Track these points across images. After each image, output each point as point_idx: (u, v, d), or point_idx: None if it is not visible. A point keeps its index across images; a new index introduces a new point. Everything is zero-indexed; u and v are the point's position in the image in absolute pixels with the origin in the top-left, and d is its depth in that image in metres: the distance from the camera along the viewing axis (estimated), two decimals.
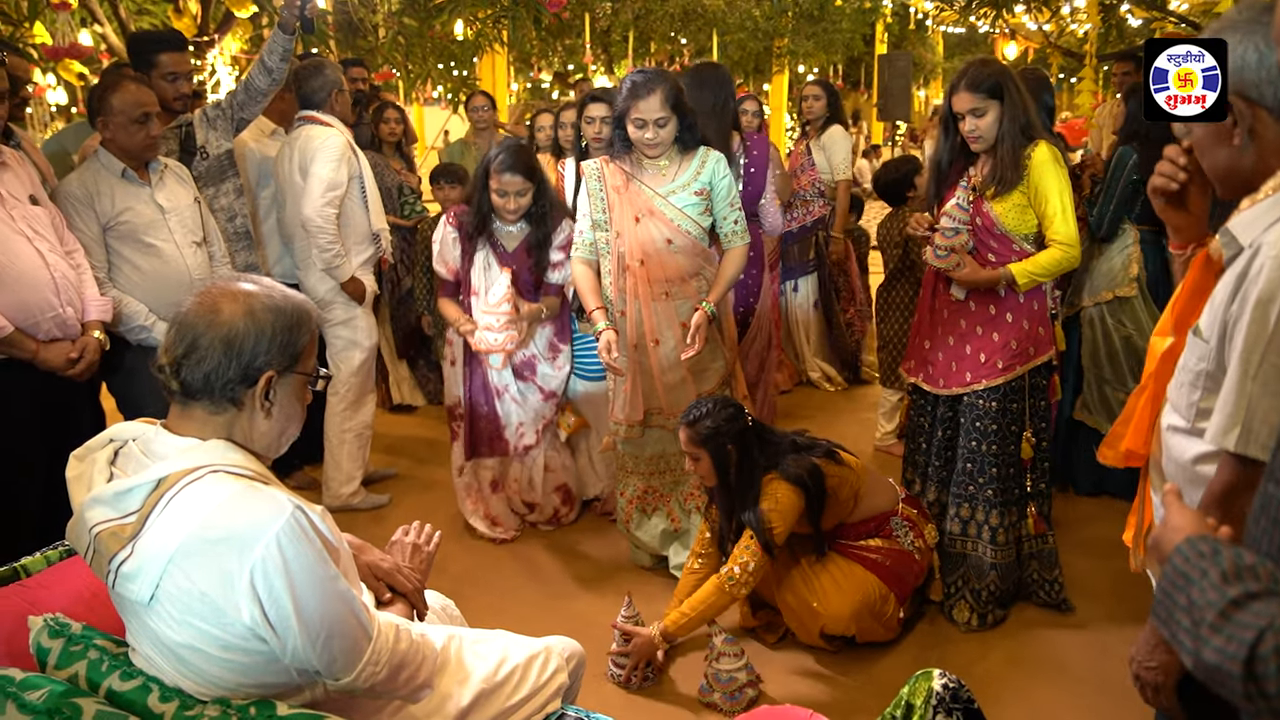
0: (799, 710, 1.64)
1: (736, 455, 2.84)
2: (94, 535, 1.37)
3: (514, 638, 1.97)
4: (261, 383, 1.45)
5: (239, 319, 1.43)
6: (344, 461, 4.03)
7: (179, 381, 1.43)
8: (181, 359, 1.42)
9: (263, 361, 1.45)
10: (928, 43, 18.45)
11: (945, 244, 2.94)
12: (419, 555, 1.94)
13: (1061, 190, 2.89)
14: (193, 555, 1.32)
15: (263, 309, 1.45)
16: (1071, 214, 2.90)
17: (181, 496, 1.34)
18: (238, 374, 1.43)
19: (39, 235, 2.79)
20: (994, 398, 3.01)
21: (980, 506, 3.06)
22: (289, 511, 1.35)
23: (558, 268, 3.63)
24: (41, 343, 2.76)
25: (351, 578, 1.52)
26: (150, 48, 3.48)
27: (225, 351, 1.42)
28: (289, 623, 1.34)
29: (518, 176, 3.42)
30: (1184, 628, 0.96)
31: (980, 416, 3.02)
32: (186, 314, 1.45)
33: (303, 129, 3.83)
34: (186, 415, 1.46)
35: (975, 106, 2.88)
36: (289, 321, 1.48)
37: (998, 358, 2.99)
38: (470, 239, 3.58)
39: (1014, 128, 2.88)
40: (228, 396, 1.44)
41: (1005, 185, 2.90)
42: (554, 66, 13.81)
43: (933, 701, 1.55)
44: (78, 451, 1.49)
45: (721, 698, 2.67)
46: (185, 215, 3.24)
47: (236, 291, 1.47)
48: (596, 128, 3.81)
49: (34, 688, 1.39)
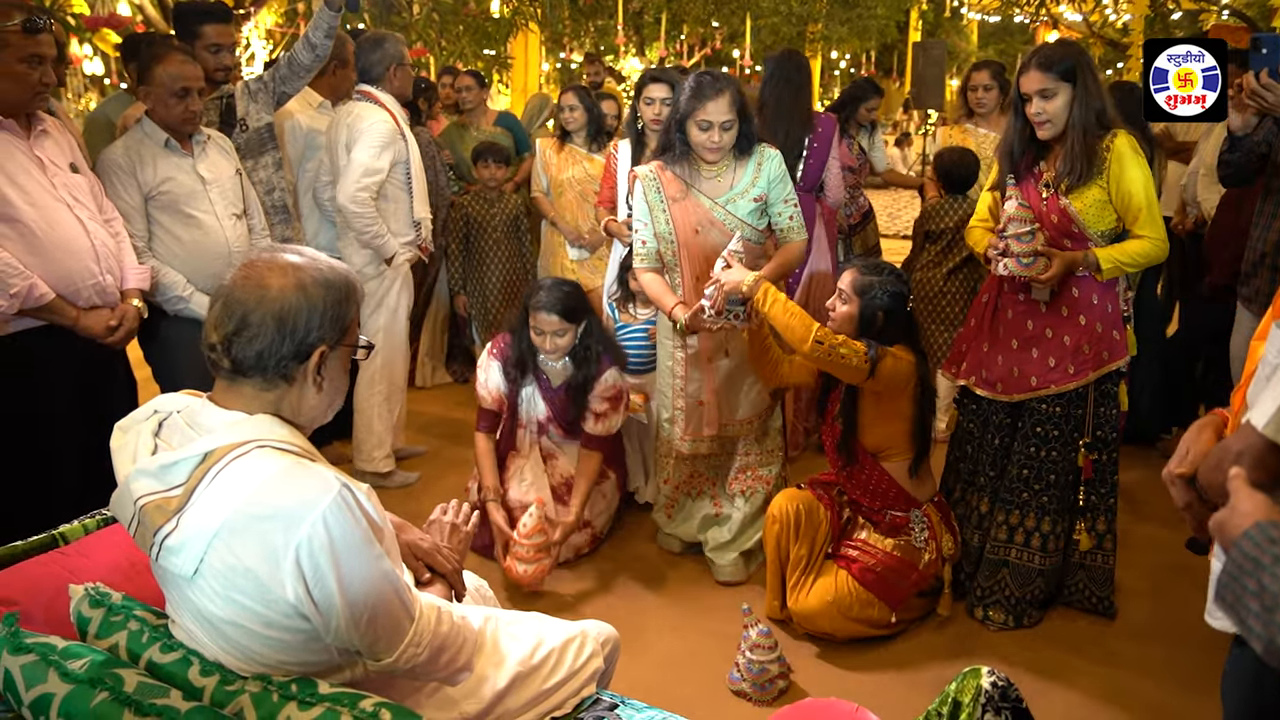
0: (845, 704, 1.61)
1: (881, 321, 2.80)
2: (139, 507, 1.35)
3: (549, 620, 1.95)
4: (315, 358, 1.43)
5: (290, 294, 1.40)
6: (374, 422, 4.02)
7: (230, 359, 1.40)
8: (232, 336, 1.39)
9: (316, 336, 1.42)
10: (962, 31, 18.24)
11: (1026, 249, 2.72)
12: (457, 535, 1.92)
13: (1146, 184, 2.72)
14: (238, 531, 1.30)
15: (313, 283, 1.42)
16: (1158, 209, 2.74)
17: (228, 471, 1.32)
18: (291, 350, 1.40)
19: (79, 203, 2.79)
20: (1059, 403, 2.87)
21: (1032, 513, 2.94)
22: (336, 489, 1.33)
23: (601, 419, 3.36)
24: (81, 310, 2.76)
25: (394, 558, 1.50)
26: (195, 19, 3.46)
27: (278, 328, 1.39)
28: (333, 601, 1.32)
29: (554, 316, 3.22)
30: (1254, 613, 0.95)
31: (1042, 421, 2.89)
32: (233, 289, 1.41)
33: (354, 105, 3.81)
34: (234, 390, 1.44)
35: (1045, 88, 2.70)
36: (339, 294, 1.45)
37: (1068, 362, 2.85)
38: (514, 368, 3.41)
39: (1087, 115, 2.69)
40: (280, 373, 1.41)
41: (1080, 178, 2.73)
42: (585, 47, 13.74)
43: (981, 700, 1.51)
44: (122, 422, 1.47)
45: (752, 687, 2.65)
46: (226, 187, 3.23)
47: (285, 265, 1.43)
48: (656, 109, 3.70)
49: (75, 656, 1.38)
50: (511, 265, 4.89)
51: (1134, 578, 3.27)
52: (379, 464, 4.07)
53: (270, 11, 7.18)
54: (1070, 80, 2.69)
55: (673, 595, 3.23)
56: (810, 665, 2.83)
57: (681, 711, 2.01)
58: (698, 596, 3.22)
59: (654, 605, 3.18)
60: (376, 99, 3.82)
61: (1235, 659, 1.80)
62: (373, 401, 4.00)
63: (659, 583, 3.31)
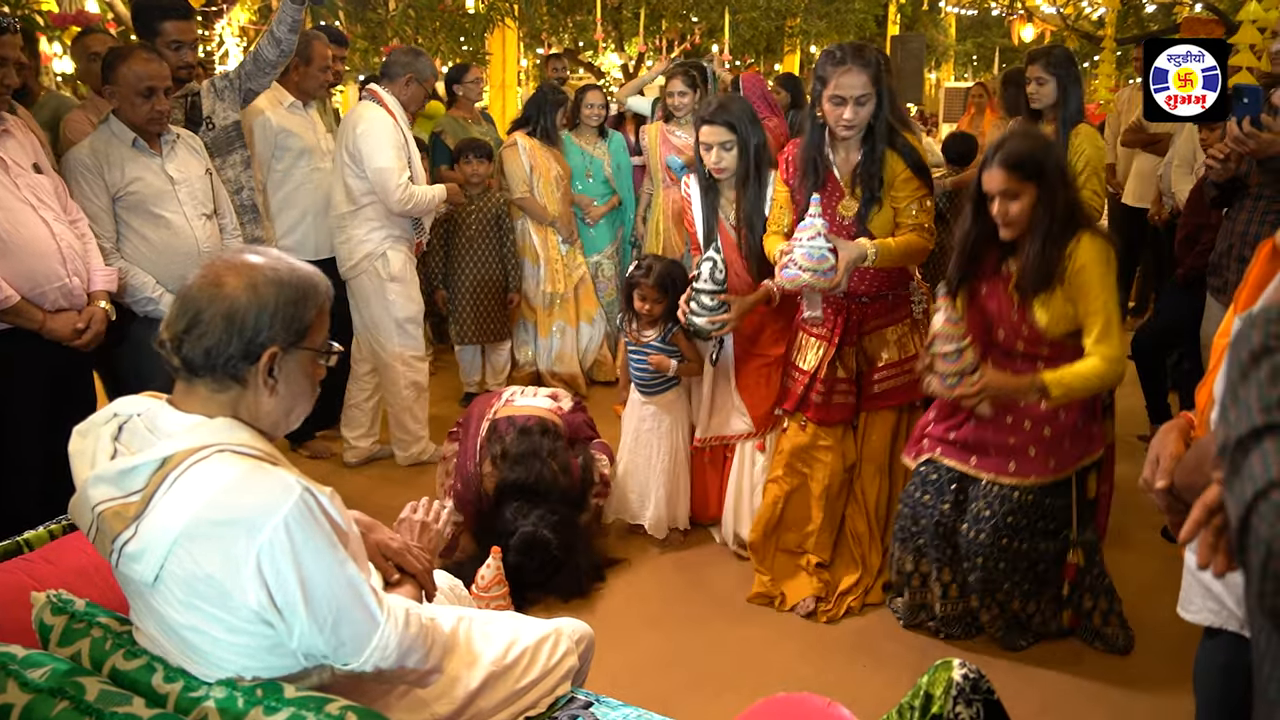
0: (817, 698, 1.61)
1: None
2: (97, 514, 1.33)
3: (523, 619, 1.95)
4: (264, 359, 1.40)
5: (240, 293, 1.38)
6: (409, 423, 4.21)
7: (180, 358, 1.39)
8: (183, 334, 1.38)
9: (266, 337, 1.40)
10: (940, 24, 18.27)
11: (952, 369, 2.50)
12: (427, 533, 1.89)
13: (1109, 297, 2.51)
14: (198, 537, 1.28)
15: (265, 282, 1.40)
16: (1118, 324, 2.53)
17: (187, 476, 1.30)
18: (239, 350, 1.38)
19: (44, 204, 2.75)
20: (1031, 492, 2.68)
21: (1016, 599, 2.80)
22: (297, 494, 1.31)
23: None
24: (48, 313, 2.72)
25: (360, 561, 1.48)
26: (154, 15, 3.41)
27: (226, 327, 1.37)
28: (296, 607, 1.31)
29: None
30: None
31: (1014, 510, 2.67)
32: (190, 288, 1.40)
33: (360, 104, 4.00)
34: (191, 392, 1.42)
35: (1008, 188, 2.50)
36: (293, 295, 1.42)
37: (1050, 457, 2.66)
38: None
39: (1051, 218, 2.50)
40: (230, 373, 1.39)
41: (1039, 287, 2.54)
42: (564, 43, 13.69)
43: (953, 692, 1.51)
44: (80, 426, 1.45)
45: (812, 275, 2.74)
46: (196, 187, 3.20)
47: (241, 264, 1.42)
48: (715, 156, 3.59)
49: (36, 665, 1.36)
50: (489, 263, 4.87)
51: None
52: (418, 456, 4.25)
53: (243, 9, 7.11)
54: (1036, 178, 2.50)
55: (648, 591, 3.23)
56: (782, 660, 2.84)
57: (658, 708, 2.00)
58: (674, 593, 3.22)
59: (629, 602, 3.17)
60: (380, 99, 3.93)
61: (1206, 651, 1.82)
62: (405, 404, 4.17)
63: (634, 579, 3.31)
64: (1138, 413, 4.61)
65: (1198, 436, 1.63)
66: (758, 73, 5.24)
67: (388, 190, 3.85)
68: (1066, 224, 2.53)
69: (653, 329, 3.45)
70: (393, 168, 3.84)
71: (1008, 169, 2.49)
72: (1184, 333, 3.95)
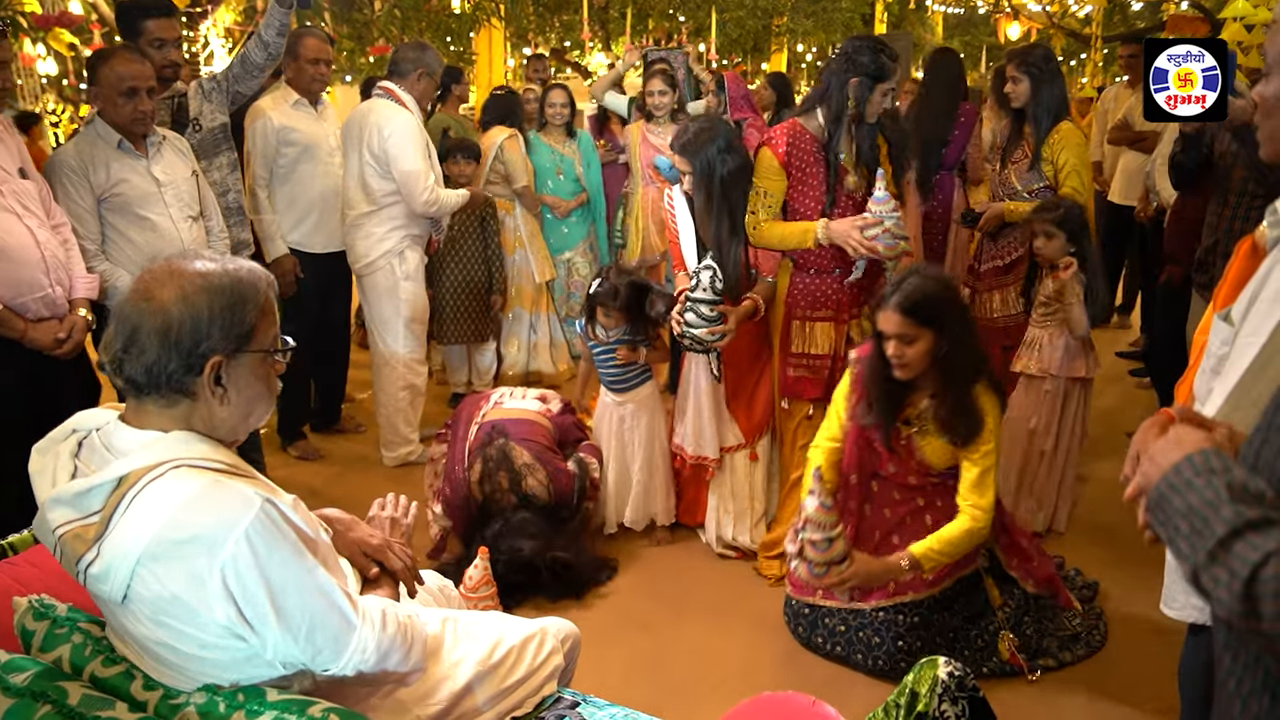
0: (801, 696, 1.61)
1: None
2: (58, 537, 1.31)
3: (509, 619, 1.94)
4: (208, 369, 1.35)
5: (171, 305, 1.33)
6: (400, 425, 4.21)
7: (123, 378, 1.34)
8: (121, 354, 1.33)
9: (206, 347, 1.34)
10: (927, 23, 18.31)
11: (821, 558, 2.38)
12: (398, 529, 1.87)
13: (992, 448, 2.53)
14: (160, 557, 1.26)
15: (196, 290, 1.34)
16: (995, 474, 2.56)
17: (144, 495, 1.27)
18: (180, 364, 1.33)
19: (28, 211, 2.73)
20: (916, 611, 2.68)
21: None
22: (257, 505, 1.28)
23: None
24: (30, 322, 2.71)
25: (331, 565, 1.46)
26: (136, 14, 3.38)
27: (161, 342, 1.32)
28: (267, 619, 1.29)
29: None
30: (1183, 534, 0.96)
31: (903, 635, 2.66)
32: (124, 303, 1.35)
33: (375, 103, 3.97)
34: (142, 410, 1.38)
35: (903, 332, 2.46)
36: (229, 300, 1.36)
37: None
38: None
39: (957, 367, 2.49)
40: (175, 389, 1.35)
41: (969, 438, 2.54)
42: (550, 42, 13.67)
43: (938, 690, 1.52)
44: (40, 444, 1.41)
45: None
46: (182, 189, 3.18)
47: (171, 273, 1.36)
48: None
49: (18, 670, 1.36)
50: (473, 264, 4.86)
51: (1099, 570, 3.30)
52: (405, 457, 4.24)
53: (228, 9, 7.08)
54: (932, 324, 2.46)
55: (635, 592, 3.23)
56: (768, 659, 2.84)
57: (645, 708, 2.00)
58: (660, 593, 3.22)
59: (616, 602, 3.17)
60: (397, 96, 3.96)
61: (1190, 648, 1.82)
62: (398, 405, 4.17)
63: (620, 580, 3.30)
64: (1125, 410, 4.64)
65: None
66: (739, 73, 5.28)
67: (415, 193, 3.89)
68: (971, 371, 2.52)
69: (616, 328, 3.43)
70: (420, 170, 3.88)
71: (903, 313, 2.45)
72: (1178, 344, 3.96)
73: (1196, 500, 0.96)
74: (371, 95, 4.09)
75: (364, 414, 4.78)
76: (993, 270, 3.95)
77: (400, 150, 3.85)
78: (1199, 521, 0.94)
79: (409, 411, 4.21)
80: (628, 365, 3.44)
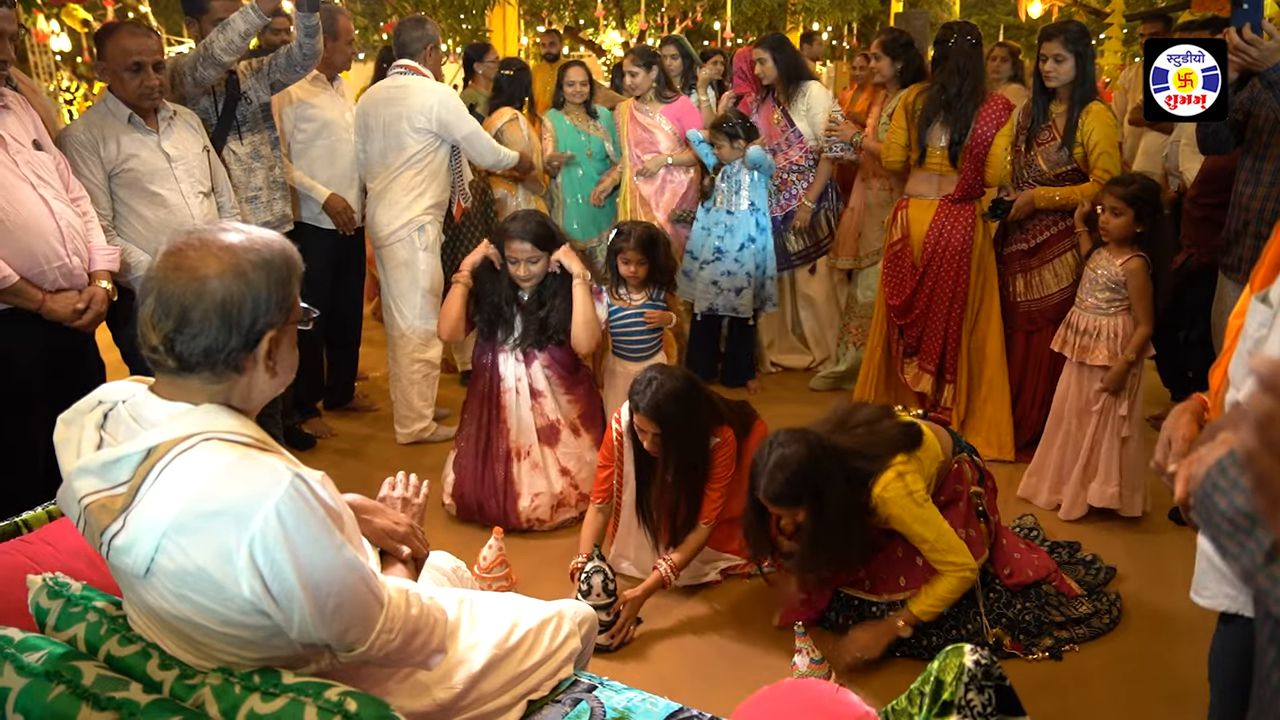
0: (825, 683, 1.59)
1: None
2: (83, 507, 1.30)
3: (525, 601, 1.93)
4: (265, 344, 1.35)
5: (230, 283, 1.30)
6: (415, 400, 4.20)
7: (175, 358, 1.31)
8: (173, 335, 1.30)
9: (264, 323, 1.34)
10: (944, 2, 18.13)
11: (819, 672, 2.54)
12: (410, 509, 1.86)
13: (926, 523, 2.54)
14: (187, 530, 1.24)
15: (252, 267, 1.32)
16: (949, 533, 2.57)
17: (174, 467, 1.25)
18: (239, 342, 1.32)
19: (44, 182, 2.71)
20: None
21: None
22: (288, 480, 1.26)
23: None
24: (48, 293, 2.69)
25: (356, 543, 1.45)
26: None
27: (223, 322, 1.30)
28: (294, 595, 1.27)
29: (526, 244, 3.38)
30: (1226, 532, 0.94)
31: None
32: (164, 280, 1.31)
33: (405, 78, 4.03)
34: (181, 384, 1.35)
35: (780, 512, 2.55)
36: (280, 275, 1.36)
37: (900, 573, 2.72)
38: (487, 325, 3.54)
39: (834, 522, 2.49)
40: (231, 365, 1.34)
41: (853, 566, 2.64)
42: (564, 20, 13.60)
43: (964, 678, 1.50)
44: (65, 415, 1.40)
45: None
46: (193, 164, 3.17)
47: (219, 248, 1.32)
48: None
49: (33, 649, 1.34)
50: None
51: (1120, 557, 3.26)
52: (417, 435, 4.24)
53: None
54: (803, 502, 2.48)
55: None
56: (791, 645, 2.81)
57: (662, 691, 1.99)
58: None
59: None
60: (422, 73, 4.04)
61: (1222, 636, 1.79)
62: (414, 378, 4.18)
63: None
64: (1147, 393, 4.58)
65: (1211, 419, 1.60)
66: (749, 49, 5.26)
67: (484, 150, 4.13)
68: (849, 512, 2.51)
69: (640, 293, 3.64)
70: (479, 128, 4.10)
71: (773, 503, 2.51)
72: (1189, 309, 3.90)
73: (1243, 500, 0.93)
74: (388, 74, 4.11)
75: (378, 393, 4.77)
76: (1017, 254, 3.89)
77: (456, 116, 3.99)
78: (1246, 520, 0.92)
79: (423, 386, 4.21)
80: (652, 331, 3.59)
